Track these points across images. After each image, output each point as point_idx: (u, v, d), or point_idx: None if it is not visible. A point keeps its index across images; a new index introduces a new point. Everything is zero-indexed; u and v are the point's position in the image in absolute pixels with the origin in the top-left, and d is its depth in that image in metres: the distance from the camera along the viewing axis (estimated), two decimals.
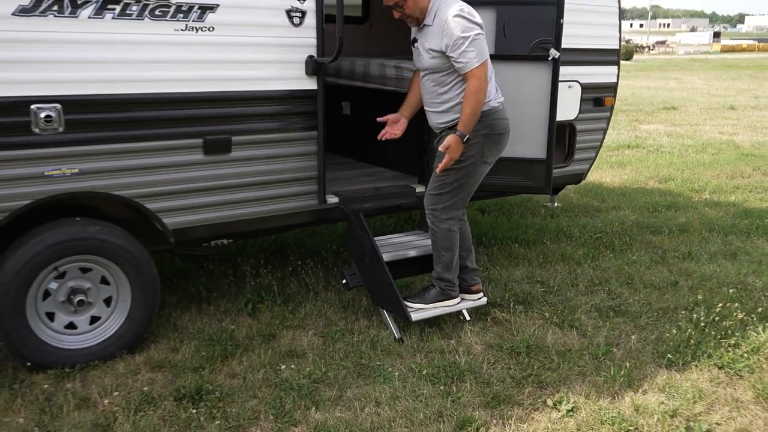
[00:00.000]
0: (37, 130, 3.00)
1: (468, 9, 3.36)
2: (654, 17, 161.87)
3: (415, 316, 3.58)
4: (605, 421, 2.84)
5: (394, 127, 3.73)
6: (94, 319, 3.39)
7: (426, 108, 3.64)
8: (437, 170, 3.48)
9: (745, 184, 7.56)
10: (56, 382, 3.14)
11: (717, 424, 2.85)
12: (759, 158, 9.07)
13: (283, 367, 3.28)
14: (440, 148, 3.44)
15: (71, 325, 3.34)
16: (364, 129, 5.09)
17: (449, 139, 3.37)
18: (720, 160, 8.90)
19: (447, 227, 3.59)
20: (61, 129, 3.04)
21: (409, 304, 3.62)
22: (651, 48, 77.03)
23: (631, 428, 2.79)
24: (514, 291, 4.21)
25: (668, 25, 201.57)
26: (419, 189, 4.32)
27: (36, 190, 3.06)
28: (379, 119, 3.78)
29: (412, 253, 3.93)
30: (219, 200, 3.54)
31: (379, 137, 3.75)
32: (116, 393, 3.03)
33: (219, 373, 3.25)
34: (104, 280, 3.39)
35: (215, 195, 3.52)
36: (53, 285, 3.26)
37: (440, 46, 3.34)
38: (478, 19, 3.36)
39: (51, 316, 3.29)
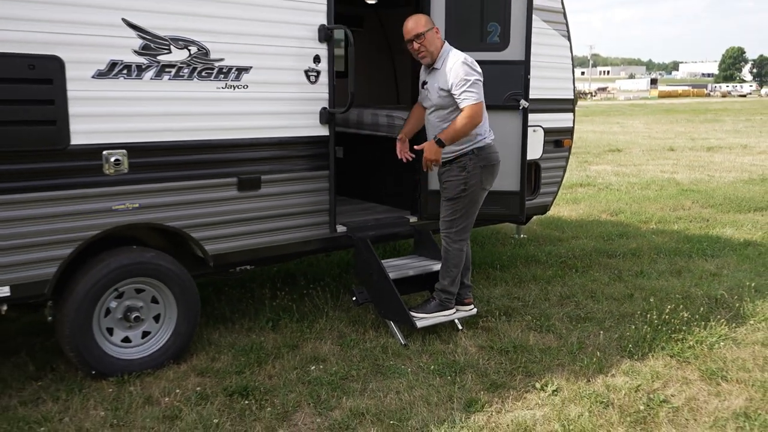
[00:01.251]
0: (107, 172, 3.60)
1: (471, 59, 4.13)
2: (594, 65, 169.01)
3: (420, 324, 4.22)
4: (583, 396, 3.52)
5: (404, 148, 4.46)
6: (145, 334, 3.94)
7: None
8: (424, 168, 4.25)
9: (685, 215, 8.50)
10: (119, 387, 3.66)
11: (671, 395, 3.56)
12: (697, 193, 10.09)
13: (312, 368, 3.88)
14: (416, 147, 4.21)
15: (126, 339, 3.88)
16: (358, 170, 5.82)
17: (428, 143, 4.12)
18: (663, 195, 9.89)
19: (459, 247, 4.30)
20: (126, 170, 3.65)
21: (412, 313, 4.27)
22: (594, 94, 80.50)
23: (604, 401, 3.47)
24: (497, 305, 4.89)
25: (608, 72, 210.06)
26: (412, 219, 5.02)
27: (105, 221, 3.63)
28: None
29: (411, 272, 4.60)
30: (250, 230, 4.16)
31: (400, 156, 4.47)
32: (177, 391, 3.58)
33: (258, 375, 3.82)
34: (154, 300, 3.95)
35: (247, 225, 4.14)
36: (113, 304, 3.81)
37: (447, 86, 4.07)
38: (478, 68, 4.12)
39: (110, 330, 3.83)
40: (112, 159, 3.60)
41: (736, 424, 3.26)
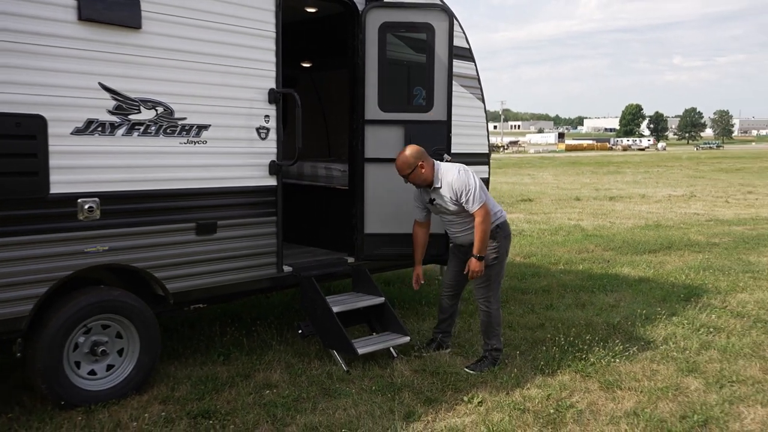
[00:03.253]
0: (81, 218, 4.00)
1: (463, 167, 4.76)
2: (506, 120, 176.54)
3: (361, 351, 4.74)
4: (504, 405, 4.12)
5: (421, 273, 5.21)
6: (109, 367, 4.28)
7: (458, 235, 4.92)
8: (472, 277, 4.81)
9: (589, 257, 9.43)
10: (87, 415, 3.98)
11: (576, 401, 4.21)
12: (600, 237, 11.13)
13: (267, 392, 4.32)
14: (470, 276, 4.81)
15: (92, 372, 4.21)
16: (299, 217, 6.35)
17: (472, 264, 4.71)
18: (570, 240, 10.86)
19: (497, 307, 4.92)
20: (98, 217, 4.06)
21: (468, 371, 4.72)
22: (506, 147, 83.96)
23: (521, 408, 4.08)
24: (426, 336, 5.47)
25: (519, 126, 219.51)
26: (350, 260, 5.57)
27: (78, 263, 4.01)
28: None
29: (351, 307, 5.13)
30: (207, 270, 4.60)
31: (416, 286, 5.21)
32: (145, 416, 3.94)
33: (217, 401, 4.22)
34: (118, 335, 4.31)
35: (204, 266, 4.58)
36: (81, 338, 4.15)
37: (455, 197, 4.70)
38: (471, 173, 4.74)
39: (78, 364, 4.16)
40: (86, 206, 4.00)
41: (627, 421, 3.93)
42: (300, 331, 4.96)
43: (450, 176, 4.73)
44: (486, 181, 6.65)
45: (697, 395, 4.32)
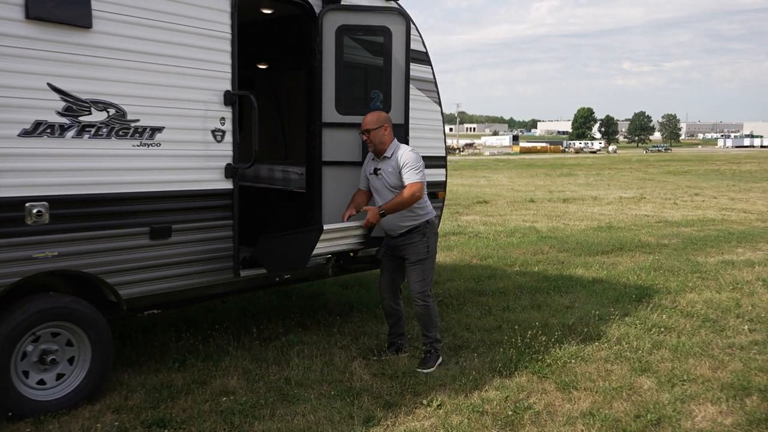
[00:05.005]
0: (29, 222, 3.86)
1: (416, 150, 4.96)
2: (461, 122, 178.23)
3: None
4: (463, 408, 4.14)
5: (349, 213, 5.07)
6: (59, 376, 4.15)
7: (388, 218, 4.90)
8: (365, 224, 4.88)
9: (544, 258, 9.56)
10: (36, 426, 3.86)
11: (533, 403, 4.26)
12: (554, 239, 11.30)
13: (224, 399, 4.25)
14: (363, 223, 4.86)
15: (41, 381, 4.08)
16: (254, 220, 6.26)
17: (373, 209, 4.81)
18: (525, 242, 11.01)
19: (432, 300, 5.05)
20: (47, 221, 3.93)
21: (420, 371, 4.75)
22: (461, 150, 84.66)
23: (480, 410, 4.11)
24: (385, 340, 5.46)
25: (474, 129, 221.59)
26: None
27: (25, 269, 3.88)
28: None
29: None
30: (161, 275, 4.50)
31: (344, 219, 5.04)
32: (97, 426, 3.83)
33: (172, 409, 4.13)
34: (69, 343, 4.18)
35: (158, 271, 4.48)
36: (30, 347, 4.01)
37: (399, 167, 4.79)
38: (421, 158, 4.90)
39: (26, 373, 4.02)
40: (34, 210, 3.87)
41: (583, 421, 3.99)
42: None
43: (403, 150, 4.92)
44: (443, 184, 6.68)
45: (650, 394, 4.42)
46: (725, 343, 5.52)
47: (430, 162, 6.45)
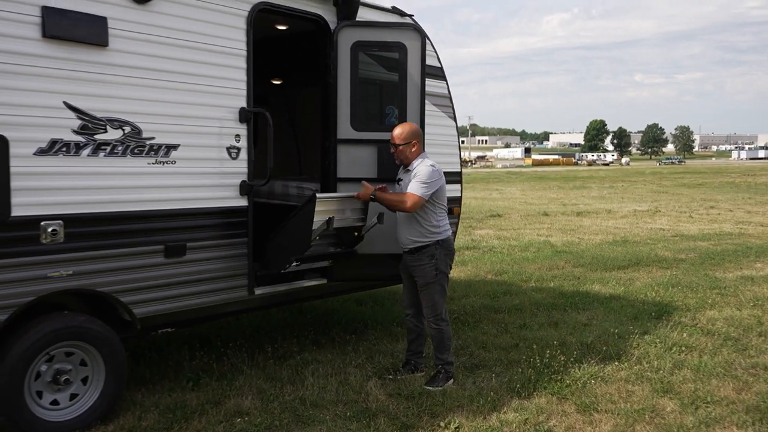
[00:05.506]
0: (44, 241, 3.84)
1: (438, 169, 4.88)
2: (473, 135, 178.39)
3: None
4: (481, 430, 4.05)
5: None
6: (73, 396, 4.11)
7: (399, 233, 4.95)
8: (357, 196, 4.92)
9: (560, 273, 9.46)
10: None
11: (554, 425, 4.17)
12: (569, 254, 11.19)
13: (238, 420, 4.19)
14: (363, 182, 4.95)
15: (55, 402, 4.04)
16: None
17: (366, 188, 4.89)
18: (540, 257, 10.90)
19: (446, 323, 4.99)
20: (62, 240, 3.91)
21: (427, 388, 4.72)
22: (473, 162, 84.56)
23: None
24: (400, 358, 5.39)
25: (486, 141, 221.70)
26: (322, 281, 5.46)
27: (40, 288, 3.85)
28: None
29: None
30: (176, 293, 4.46)
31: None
32: None
33: (186, 430, 4.08)
34: (82, 362, 4.14)
35: (173, 289, 4.44)
36: (44, 367, 3.98)
37: (411, 178, 4.78)
38: (441, 174, 4.87)
39: (39, 393, 3.98)
40: (50, 229, 3.85)
41: None
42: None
43: (424, 164, 4.88)
44: (458, 200, 6.62)
45: (673, 417, 4.31)
46: (748, 362, 5.40)
47: (446, 177, 6.40)
